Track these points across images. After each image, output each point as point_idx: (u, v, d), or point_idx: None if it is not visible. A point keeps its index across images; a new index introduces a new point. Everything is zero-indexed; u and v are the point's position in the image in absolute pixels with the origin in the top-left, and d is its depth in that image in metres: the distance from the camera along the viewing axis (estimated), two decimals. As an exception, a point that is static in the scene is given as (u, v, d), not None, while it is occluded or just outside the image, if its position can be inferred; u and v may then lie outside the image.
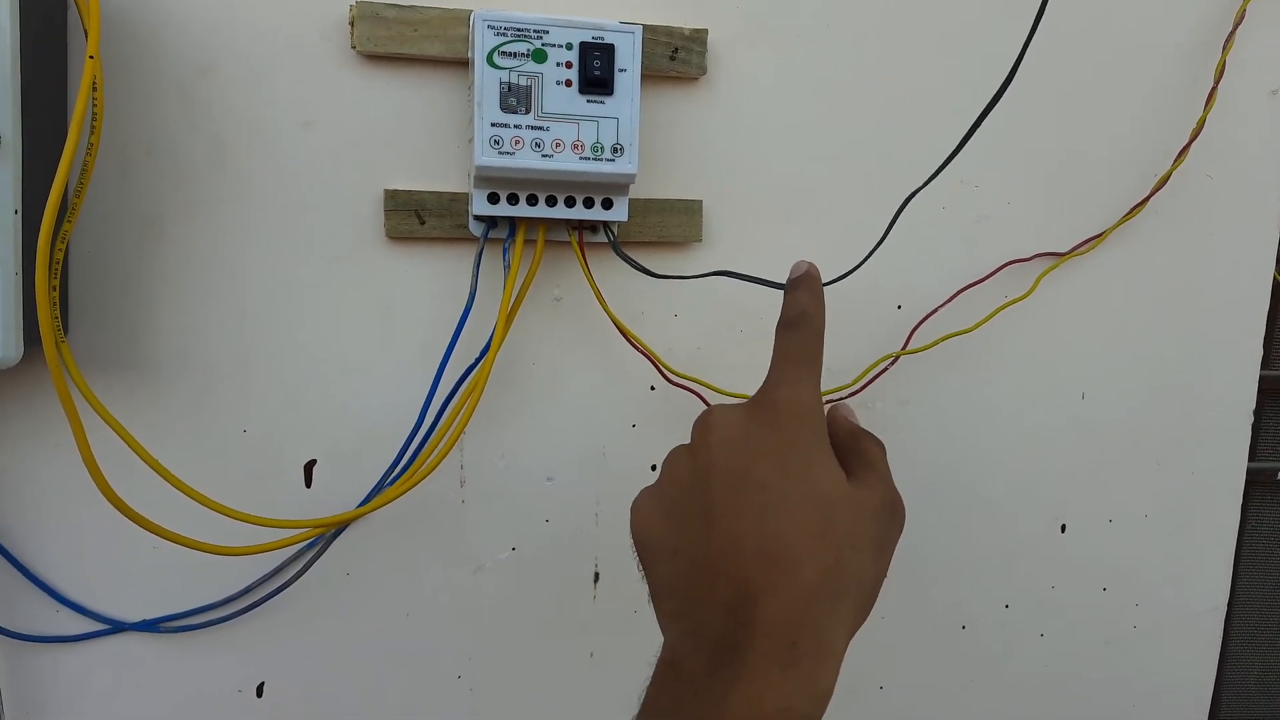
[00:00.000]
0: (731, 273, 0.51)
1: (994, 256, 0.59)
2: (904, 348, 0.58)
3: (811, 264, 0.41)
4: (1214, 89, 0.59)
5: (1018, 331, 0.61)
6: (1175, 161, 0.60)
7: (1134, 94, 0.61)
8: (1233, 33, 0.59)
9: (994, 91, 0.59)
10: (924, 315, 0.58)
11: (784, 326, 0.39)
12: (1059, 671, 0.66)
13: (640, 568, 0.35)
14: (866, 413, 0.59)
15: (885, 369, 0.58)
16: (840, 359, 0.58)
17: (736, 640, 0.30)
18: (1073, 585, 0.65)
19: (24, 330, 0.43)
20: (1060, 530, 0.65)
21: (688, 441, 0.37)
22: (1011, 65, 0.46)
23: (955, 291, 0.58)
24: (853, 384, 0.57)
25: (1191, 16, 0.60)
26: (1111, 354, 0.63)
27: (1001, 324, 0.59)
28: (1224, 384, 0.65)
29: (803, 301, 0.40)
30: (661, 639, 0.33)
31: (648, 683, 0.32)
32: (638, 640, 0.58)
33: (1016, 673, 0.66)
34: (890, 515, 0.35)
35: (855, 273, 0.54)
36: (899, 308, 0.59)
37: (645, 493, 0.37)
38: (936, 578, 0.63)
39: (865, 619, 0.34)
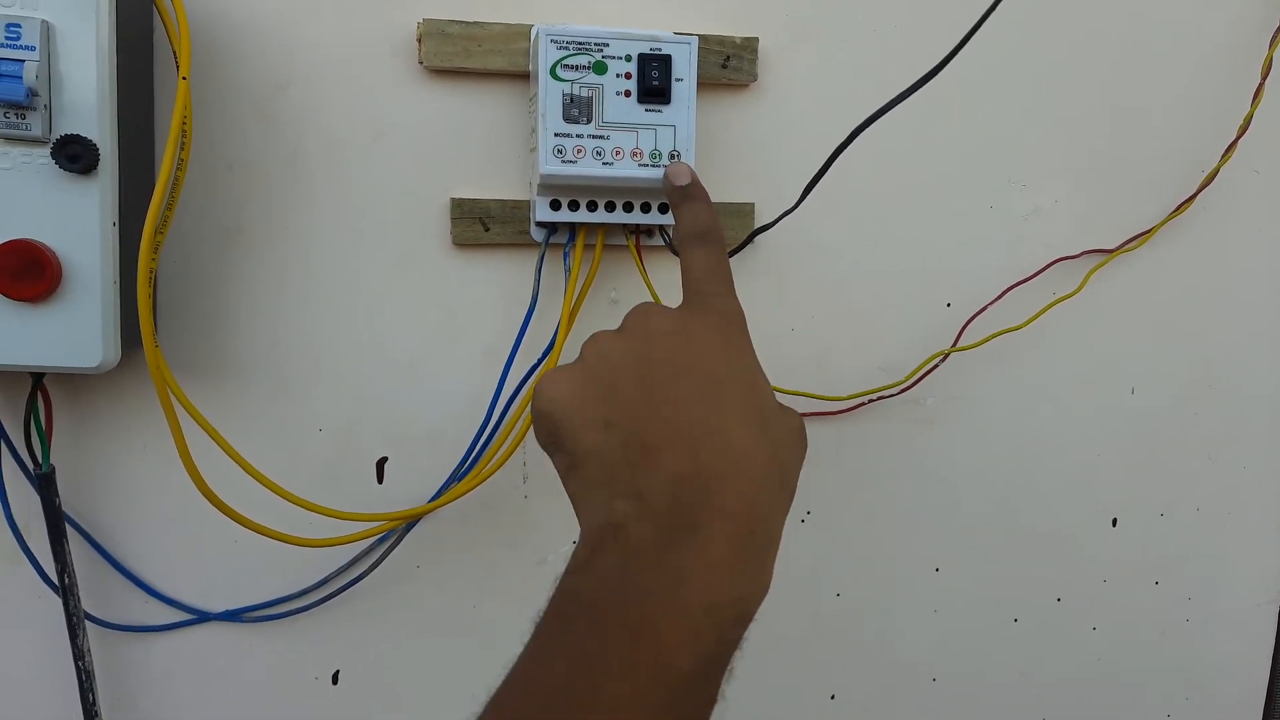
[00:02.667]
0: (766, 225, 0.52)
1: (1042, 254, 0.60)
2: (954, 345, 0.59)
3: (690, 168, 0.42)
4: (1261, 85, 0.60)
5: (1067, 328, 0.62)
6: (1222, 158, 0.60)
7: (1180, 91, 0.61)
8: (1281, 28, 0.60)
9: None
10: (973, 313, 0.59)
11: (694, 239, 0.39)
12: (1111, 665, 0.67)
13: (550, 439, 0.34)
14: (918, 408, 0.61)
15: (935, 366, 0.59)
16: (892, 357, 0.59)
17: (695, 519, 0.29)
18: (1124, 579, 0.66)
19: (121, 336, 0.46)
20: (1111, 524, 0.65)
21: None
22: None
23: (1004, 289, 0.59)
24: (904, 381, 0.59)
25: (1237, 12, 0.61)
26: (1161, 349, 0.64)
27: (1051, 321, 0.60)
28: (1275, 378, 0.65)
29: (704, 214, 0.40)
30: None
31: (577, 544, 0.31)
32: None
33: (1068, 666, 0.66)
34: (802, 440, 0.35)
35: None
36: (948, 306, 0.60)
37: (557, 371, 0.35)
38: (988, 571, 0.64)
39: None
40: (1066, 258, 0.60)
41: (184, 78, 0.43)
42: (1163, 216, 0.61)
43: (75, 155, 0.42)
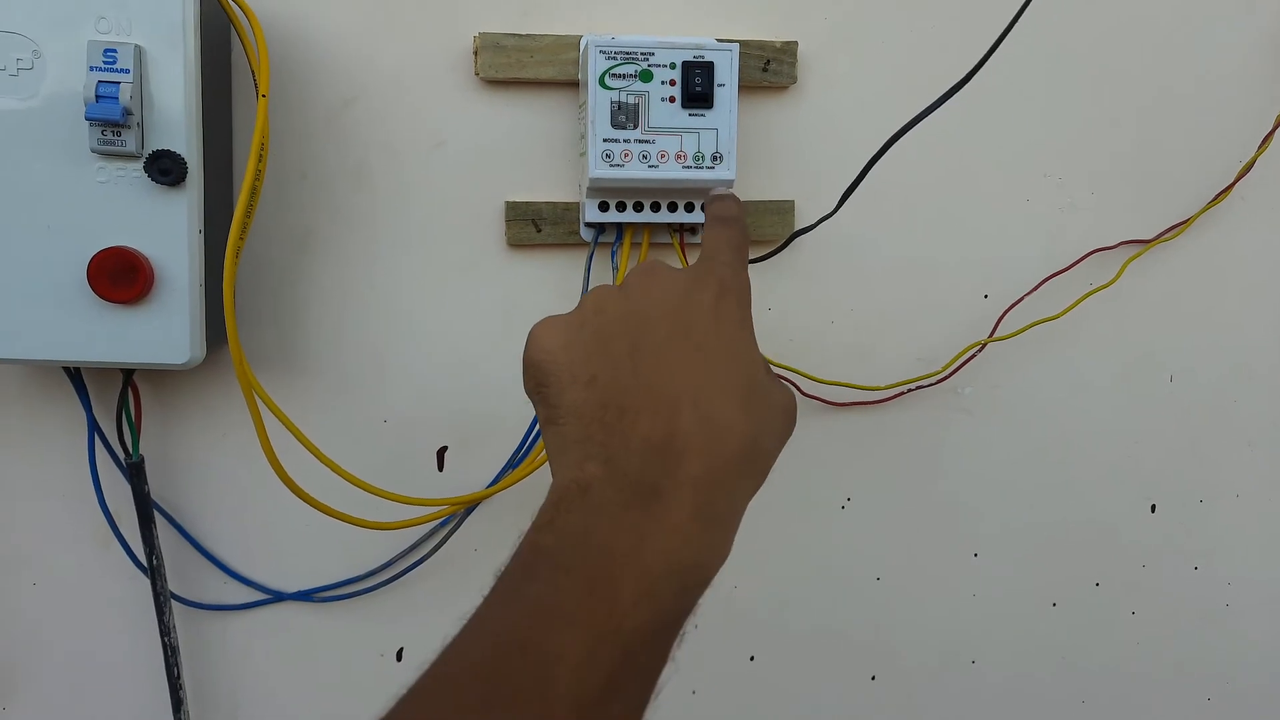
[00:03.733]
0: (806, 228, 0.54)
1: (1079, 245, 0.61)
2: (991, 335, 0.61)
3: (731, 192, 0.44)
4: (1299, 75, 0.60)
5: (1104, 317, 0.63)
6: (1260, 147, 0.61)
7: (1216, 81, 0.62)
8: (1318, 19, 0.60)
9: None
10: (1010, 303, 0.61)
11: (719, 221, 0.40)
12: (1150, 650, 0.68)
13: (537, 390, 0.34)
14: (957, 397, 0.62)
15: (973, 356, 0.61)
16: (929, 346, 0.61)
17: (660, 485, 0.30)
18: (1163, 564, 0.67)
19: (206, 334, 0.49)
20: (1150, 510, 0.66)
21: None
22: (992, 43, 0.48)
23: (1041, 280, 0.61)
24: (942, 370, 0.60)
25: (1275, 1, 0.62)
26: (1199, 338, 0.64)
27: (1088, 310, 0.61)
28: (1316, 365, 0.66)
29: (732, 204, 0.41)
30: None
31: (545, 501, 0.31)
32: (737, 614, 0.62)
33: (1107, 651, 0.67)
34: (790, 419, 0.35)
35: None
36: (986, 297, 0.61)
37: (554, 321, 0.36)
38: (1027, 556, 0.65)
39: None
40: (1103, 249, 0.62)
41: (263, 95, 0.47)
42: (1199, 207, 0.62)
43: (166, 169, 0.46)
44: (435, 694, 0.28)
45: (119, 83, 0.45)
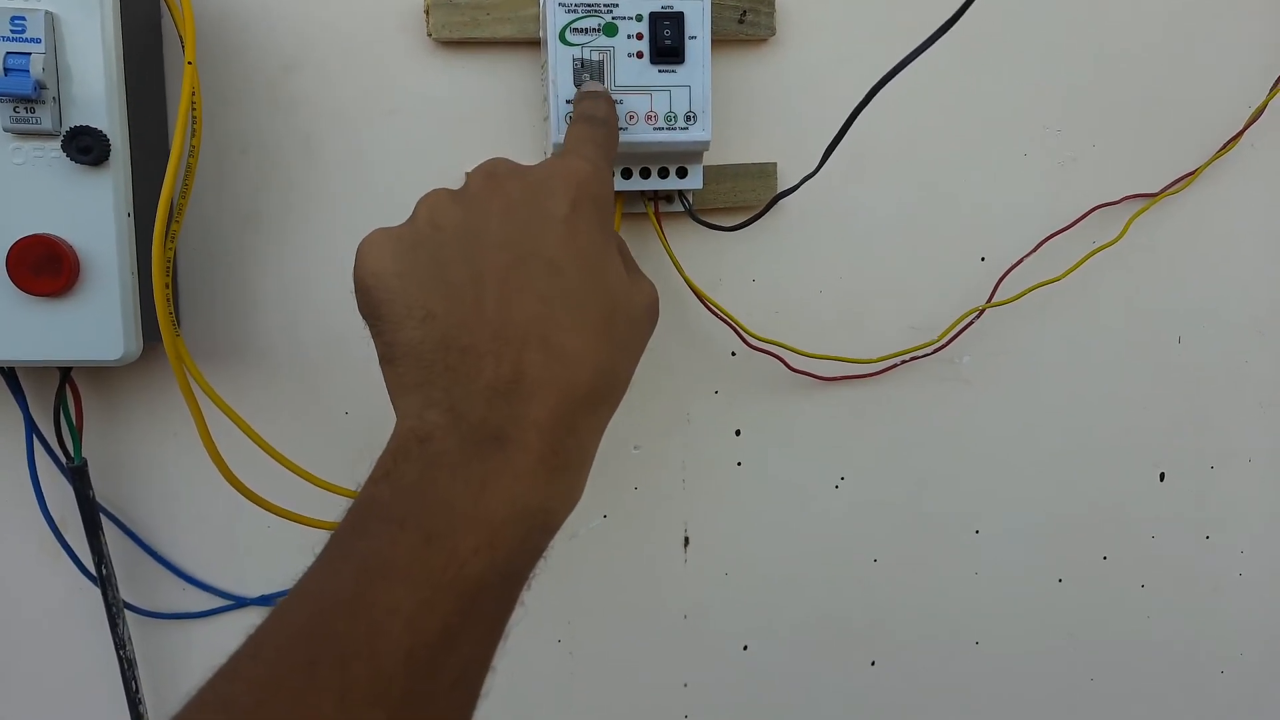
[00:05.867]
0: (788, 190, 0.50)
1: (1081, 202, 0.58)
2: (989, 301, 0.57)
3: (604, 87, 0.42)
4: (1312, 11, 0.57)
5: (1109, 277, 0.59)
6: (1271, 91, 0.57)
7: (1222, 23, 0.58)
8: (1331, -50, 0.57)
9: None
10: (1009, 266, 0.57)
11: (586, 120, 0.37)
12: (1162, 622, 0.65)
13: (371, 319, 0.32)
14: (954, 367, 0.59)
15: (970, 323, 0.57)
16: (925, 314, 0.58)
17: (505, 431, 0.28)
18: (1174, 534, 0.64)
19: (141, 326, 0.46)
20: (1159, 479, 0.63)
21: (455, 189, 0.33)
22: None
23: (1041, 240, 0.57)
24: (939, 339, 0.57)
25: (1284, -63, 0.58)
26: (1208, 296, 0.61)
27: (1091, 271, 0.58)
28: (1331, 321, 0.63)
29: (602, 105, 0.39)
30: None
31: (385, 449, 0.29)
32: (729, 601, 0.59)
33: (1117, 625, 0.65)
34: (652, 317, 0.34)
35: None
36: (982, 259, 0.58)
37: (383, 235, 0.33)
38: (1031, 530, 0.62)
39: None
40: (1107, 204, 0.58)
41: (189, 62, 0.43)
42: (1207, 157, 0.58)
43: (86, 147, 0.42)
44: (256, 659, 0.26)
45: (29, 53, 0.41)
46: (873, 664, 0.62)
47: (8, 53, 0.41)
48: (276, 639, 0.27)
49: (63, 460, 0.50)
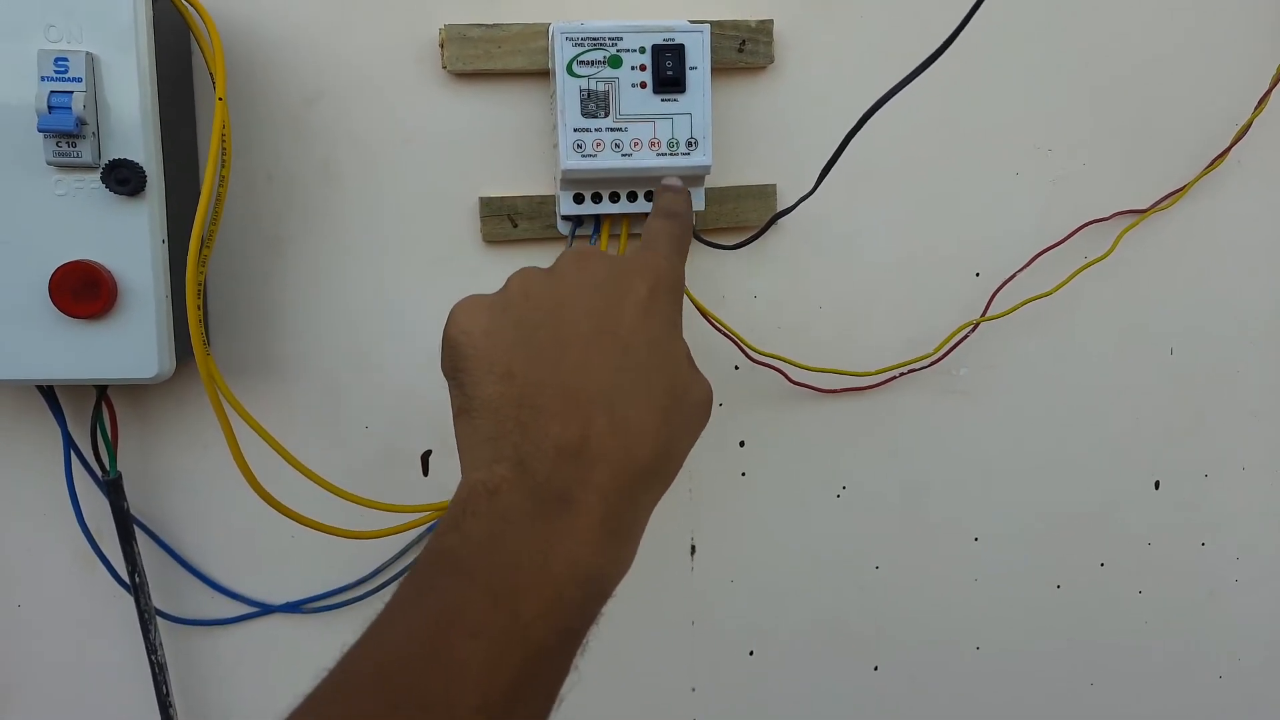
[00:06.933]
0: (785, 210, 0.52)
1: (1072, 218, 0.60)
2: (984, 314, 0.59)
3: (680, 181, 0.44)
4: (1293, 33, 0.59)
5: (1100, 291, 0.61)
6: (1256, 108, 0.59)
7: (1208, 43, 0.60)
8: (1311, -26, 0.59)
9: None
10: (1003, 281, 0.59)
11: (663, 215, 0.39)
12: (1159, 628, 0.66)
13: (453, 373, 0.33)
14: (951, 379, 0.61)
15: (966, 336, 0.59)
16: (922, 328, 0.60)
17: (569, 492, 0.29)
18: (1170, 541, 0.66)
19: (175, 346, 0.48)
20: (1154, 487, 0.65)
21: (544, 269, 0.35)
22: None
23: (1033, 256, 0.59)
24: (934, 352, 0.59)
25: (1267, -39, 0.60)
26: (1199, 308, 0.63)
27: (1083, 285, 0.60)
28: (1320, 332, 0.64)
29: (680, 202, 0.41)
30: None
31: (453, 499, 0.30)
32: (736, 608, 0.61)
33: (1114, 631, 0.66)
34: (704, 413, 0.35)
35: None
36: (977, 275, 0.60)
37: (479, 301, 0.34)
38: (1029, 538, 0.64)
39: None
40: (1097, 220, 0.60)
41: (220, 99, 0.45)
42: (1195, 173, 0.60)
43: (124, 179, 0.45)
44: (334, 701, 0.27)
45: (72, 92, 0.44)
46: (875, 668, 0.64)
47: (51, 91, 0.44)
48: (355, 682, 0.28)
49: (98, 474, 0.52)
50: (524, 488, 0.30)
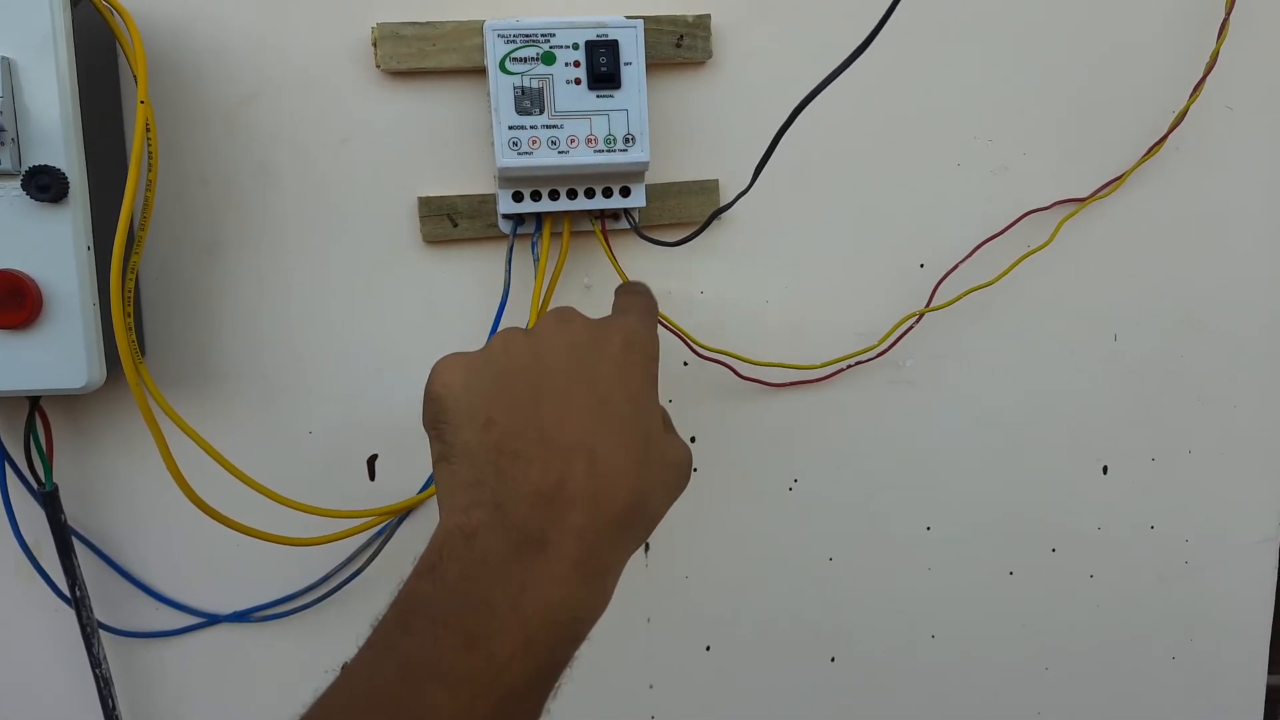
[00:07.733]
0: (724, 207, 0.52)
1: (1013, 208, 0.60)
2: (928, 305, 0.59)
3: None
4: (1225, 20, 0.59)
5: (1043, 280, 0.62)
6: (1191, 96, 0.60)
7: (1145, 32, 0.61)
8: (1242, -39, 0.59)
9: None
10: (945, 272, 0.59)
11: (630, 294, 0.42)
12: (1111, 611, 0.67)
13: (434, 424, 0.34)
14: (899, 370, 0.61)
15: (910, 328, 0.59)
16: (868, 321, 0.60)
17: (545, 534, 0.30)
18: (1119, 525, 0.66)
19: (105, 355, 0.47)
20: (1103, 472, 0.65)
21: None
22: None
23: (976, 246, 0.60)
24: (879, 344, 0.59)
25: (1200, -52, 0.60)
26: (1142, 294, 0.63)
27: (1026, 274, 0.60)
28: (1259, 314, 0.65)
29: (642, 288, 0.44)
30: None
31: (430, 543, 0.31)
32: (690, 605, 0.61)
33: (1067, 616, 0.67)
34: (683, 475, 0.36)
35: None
36: (921, 266, 0.60)
37: (458, 357, 0.36)
38: (980, 526, 0.64)
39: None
40: (1038, 210, 0.60)
41: (141, 101, 0.44)
42: (1133, 161, 0.61)
43: (45, 185, 0.44)
44: None
45: (-12, 98, 0.43)
46: (832, 660, 0.64)
47: (-34, 98, 0.43)
48: None
49: (34, 486, 0.51)
50: (500, 530, 0.30)
